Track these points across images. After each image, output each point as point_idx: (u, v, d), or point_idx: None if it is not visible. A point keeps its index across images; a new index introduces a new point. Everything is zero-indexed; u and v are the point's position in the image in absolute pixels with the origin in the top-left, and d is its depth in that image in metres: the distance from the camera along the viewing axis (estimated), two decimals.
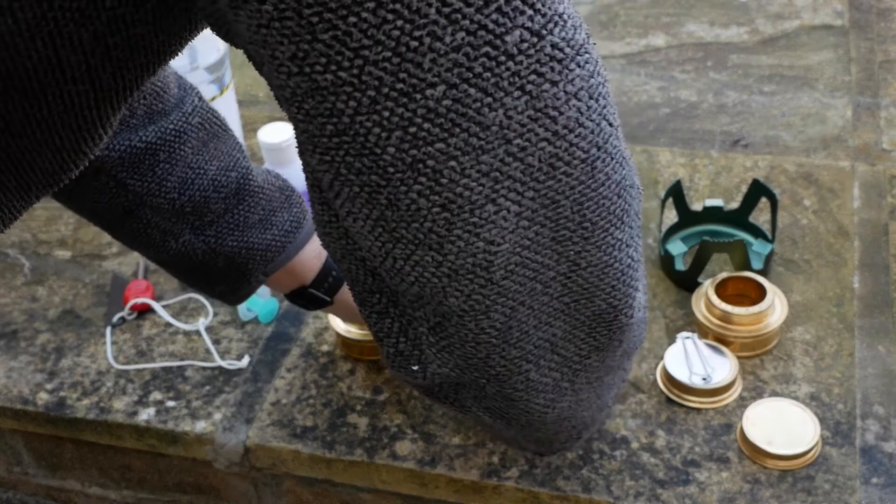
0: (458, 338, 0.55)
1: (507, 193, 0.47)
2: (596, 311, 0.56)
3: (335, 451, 0.92)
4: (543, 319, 0.54)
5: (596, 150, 0.49)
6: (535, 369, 0.57)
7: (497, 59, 0.43)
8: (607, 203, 0.51)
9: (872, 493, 0.85)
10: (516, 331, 0.54)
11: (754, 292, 0.98)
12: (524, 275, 0.51)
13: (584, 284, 0.54)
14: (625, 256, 0.54)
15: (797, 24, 1.44)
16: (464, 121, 0.44)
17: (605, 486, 0.87)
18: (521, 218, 0.48)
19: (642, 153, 1.22)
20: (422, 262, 0.50)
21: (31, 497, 1.11)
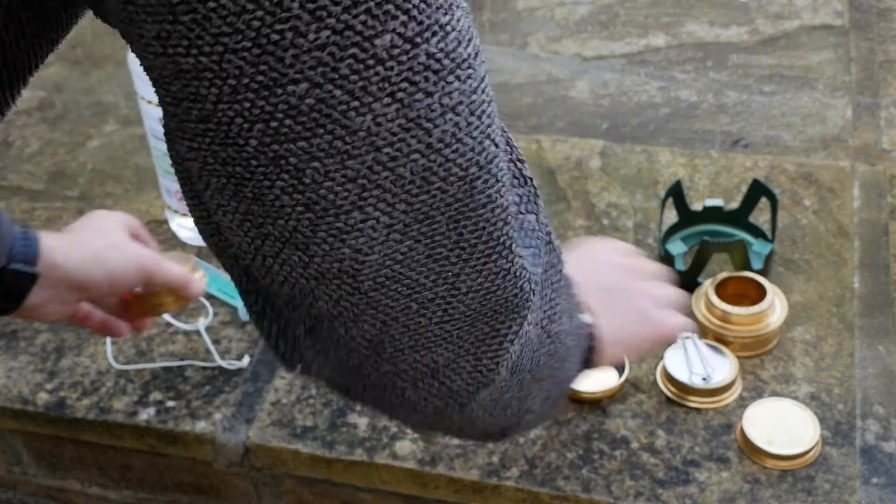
0: (331, 342, 0.53)
1: (375, 203, 0.45)
2: (480, 338, 0.53)
3: (335, 451, 0.92)
4: (421, 342, 0.52)
5: (476, 168, 0.47)
6: (411, 389, 0.55)
7: (365, 62, 0.42)
8: (488, 227, 0.49)
9: (872, 493, 0.85)
10: (389, 346, 0.52)
11: (754, 292, 0.98)
12: (397, 290, 0.49)
13: (466, 311, 0.51)
14: (510, 286, 0.52)
15: (797, 24, 1.44)
16: (328, 122, 0.43)
17: (605, 486, 0.87)
18: (391, 230, 0.46)
19: (642, 153, 1.22)
20: (289, 261, 0.48)
21: (31, 497, 1.11)
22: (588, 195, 1.17)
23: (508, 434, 0.67)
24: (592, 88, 1.35)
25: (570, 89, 1.36)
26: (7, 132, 1.35)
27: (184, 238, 1.15)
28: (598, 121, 1.30)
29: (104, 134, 1.34)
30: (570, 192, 1.18)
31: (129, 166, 1.27)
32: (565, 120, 1.30)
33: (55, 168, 1.28)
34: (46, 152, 1.31)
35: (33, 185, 1.26)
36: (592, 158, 1.22)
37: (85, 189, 1.24)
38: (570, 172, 1.20)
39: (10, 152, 1.32)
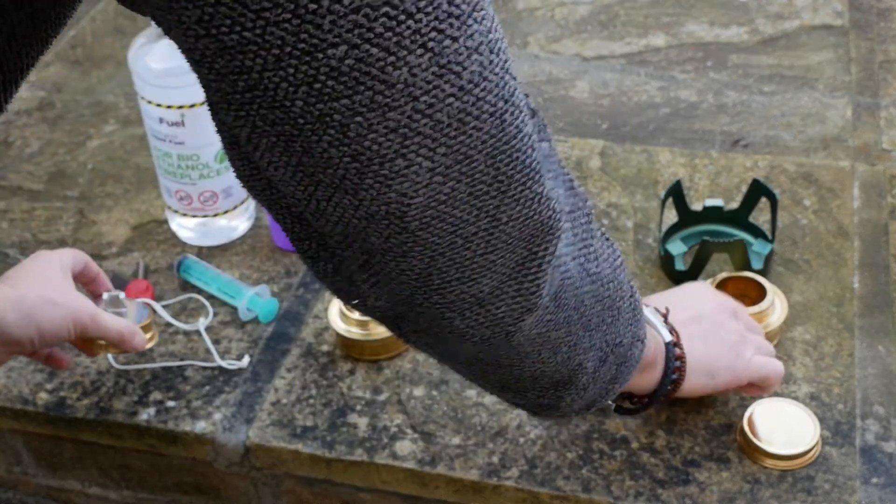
0: (383, 275, 0.56)
1: (417, 149, 0.48)
2: (519, 263, 0.56)
3: (335, 451, 0.92)
4: (467, 274, 0.55)
5: (503, 103, 0.50)
6: (459, 319, 0.58)
7: (397, 18, 0.45)
8: (521, 156, 0.52)
9: (872, 493, 0.85)
10: (437, 278, 0.55)
11: (754, 292, 0.98)
12: (442, 228, 0.52)
13: (507, 240, 0.54)
14: (545, 209, 0.55)
15: (797, 24, 1.44)
16: (368, 79, 0.46)
17: (605, 486, 0.87)
18: (434, 173, 0.49)
19: (642, 153, 1.22)
20: (341, 203, 0.51)
21: (31, 497, 1.11)
22: (588, 195, 1.17)
23: (563, 394, 0.69)
24: (592, 88, 1.35)
25: (570, 89, 1.36)
26: (7, 132, 1.35)
27: (184, 238, 1.15)
28: (598, 121, 1.30)
29: (104, 134, 1.34)
30: None
31: (129, 166, 1.27)
32: (565, 120, 1.30)
33: (55, 168, 1.28)
34: (46, 152, 1.31)
35: (33, 185, 1.26)
36: (592, 158, 1.22)
37: (85, 189, 1.24)
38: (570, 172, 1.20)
39: (10, 152, 1.32)
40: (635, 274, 1.07)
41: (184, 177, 1.08)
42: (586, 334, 0.66)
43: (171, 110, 1.03)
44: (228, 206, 1.12)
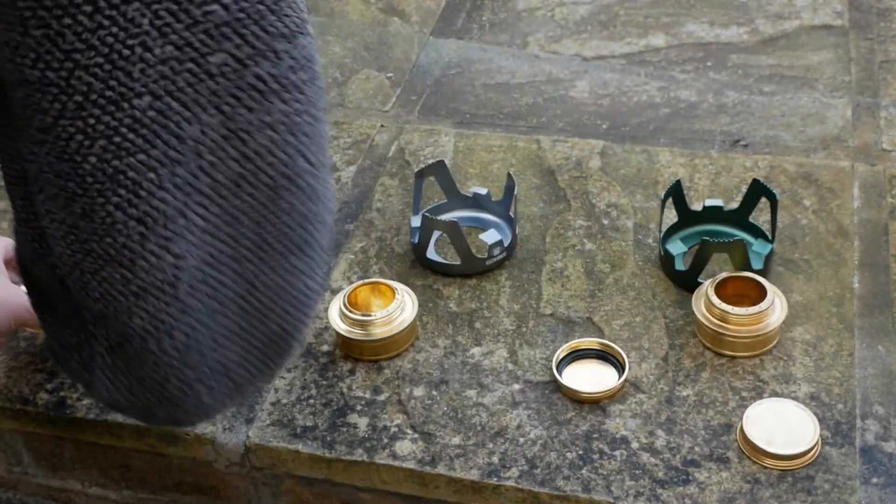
0: (137, 360, 0.53)
1: (195, 207, 0.48)
2: (270, 335, 0.56)
3: (335, 451, 0.92)
4: (220, 341, 0.54)
5: (285, 180, 0.51)
6: (206, 393, 0.57)
7: (199, 76, 0.46)
8: (288, 231, 0.52)
9: (872, 493, 0.85)
10: (195, 352, 0.54)
11: (754, 292, 0.98)
12: (205, 292, 0.51)
13: (259, 307, 0.54)
14: (301, 285, 0.55)
15: (797, 24, 1.44)
16: (164, 133, 0.45)
17: (605, 486, 0.87)
18: (205, 233, 0.49)
19: (642, 153, 1.22)
20: (110, 278, 0.49)
21: (32, 497, 1.11)
22: (588, 195, 1.17)
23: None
24: (592, 88, 1.35)
25: (570, 89, 1.36)
26: None
27: None
28: (598, 121, 1.30)
29: None
30: (570, 192, 1.18)
31: None
32: (565, 120, 1.30)
33: None
34: None
35: None
36: (592, 158, 1.22)
37: None
38: (570, 172, 1.20)
39: None
40: (635, 274, 1.07)
41: None
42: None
43: None
44: None
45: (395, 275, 1.09)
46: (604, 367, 0.97)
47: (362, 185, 1.21)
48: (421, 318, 1.04)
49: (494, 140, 1.26)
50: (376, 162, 1.25)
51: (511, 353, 1.00)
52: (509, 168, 1.21)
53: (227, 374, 0.57)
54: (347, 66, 1.43)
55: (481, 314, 1.04)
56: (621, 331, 1.01)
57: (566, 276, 1.07)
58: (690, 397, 0.94)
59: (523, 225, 1.13)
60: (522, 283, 1.07)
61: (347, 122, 1.31)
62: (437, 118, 1.32)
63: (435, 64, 1.42)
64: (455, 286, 1.07)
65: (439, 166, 1.12)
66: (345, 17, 1.53)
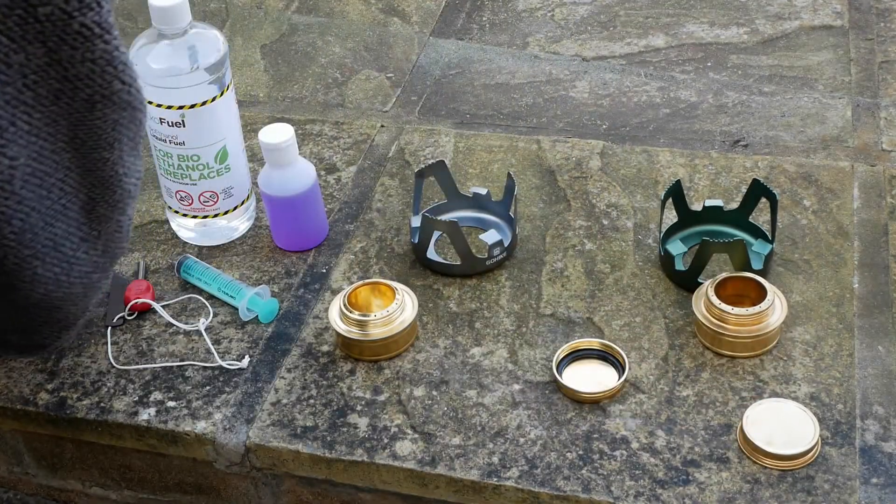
0: None
1: (21, 116, 0.61)
2: (90, 213, 0.70)
3: (335, 451, 0.92)
4: (48, 220, 0.68)
5: (100, 97, 0.65)
6: (41, 265, 0.70)
7: (27, 20, 0.60)
8: (98, 132, 0.67)
9: (872, 493, 0.85)
10: (29, 233, 0.66)
11: (754, 292, 0.98)
12: (35, 183, 0.65)
13: (75, 190, 0.68)
14: (109, 169, 0.71)
15: (797, 24, 1.44)
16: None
17: (605, 486, 0.87)
18: (31, 135, 0.63)
19: (642, 153, 1.23)
20: None
21: (32, 497, 1.11)
22: (588, 195, 1.17)
23: (77, 323, 0.88)
24: (592, 89, 1.35)
25: (570, 89, 1.36)
26: None
27: (184, 238, 1.15)
28: (598, 121, 1.30)
29: None
30: (570, 192, 1.18)
31: None
32: (565, 120, 1.30)
33: None
34: None
35: None
36: (592, 158, 1.22)
37: None
38: (570, 172, 1.20)
39: None
40: (635, 274, 1.07)
41: (184, 177, 1.08)
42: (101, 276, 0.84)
43: (172, 110, 1.03)
44: (228, 207, 1.12)
45: (395, 275, 1.09)
46: (604, 367, 0.97)
47: (362, 185, 1.21)
48: (421, 318, 1.04)
49: (494, 140, 1.26)
50: (376, 162, 1.25)
51: (511, 353, 1.00)
52: (509, 168, 1.21)
53: (56, 247, 0.70)
54: (347, 67, 1.43)
55: (481, 314, 1.04)
56: (621, 331, 1.01)
57: (566, 276, 1.07)
58: (690, 397, 0.94)
59: (523, 225, 1.13)
60: (522, 283, 1.07)
61: (347, 122, 1.31)
62: (437, 118, 1.32)
63: (435, 64, 1.42)
64: (455, 286, 1.07)
65: (439, 166, 1.12)
66: (345, 18, 1.53)
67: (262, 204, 1.16)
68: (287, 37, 1.49)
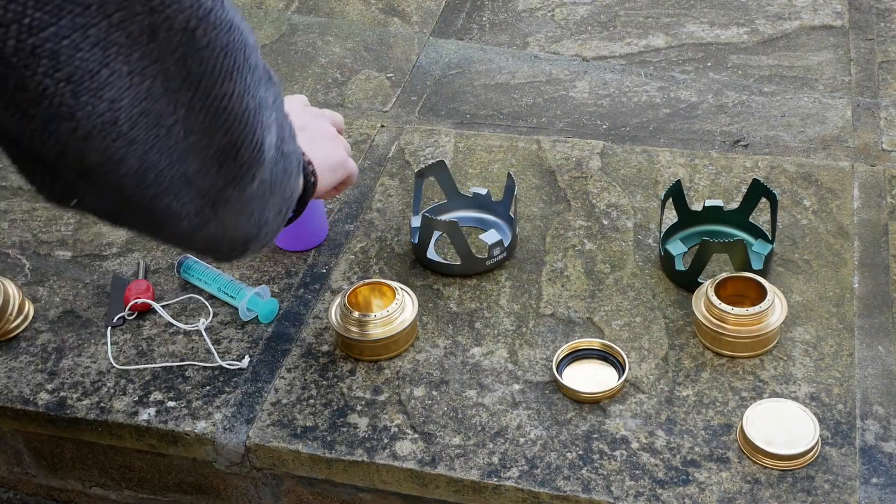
0: (103, 184, 0.64)
1: (116, 57, 0.57)
2: (220, 147, 0.66)
3: (335, 451, 0.92)
4: (174, 158, 0.64)
5: (195, 21, 0.60)
6: (175, 201, 0.67)
7: None
8: (212, 62, 0.62)
9: (872, 493, 0.85)
10: (151, 172, 0.63)
11: (754, 292, 0.98)
12: (148, 122, 0.61)
13: (203, 125, 0.64)
14: (236, 104, 0.65)
15: (797, 24, 1.44)
16: (69, 4, 0.54)
17: (605, 486, 0.87)
18: (133, 75, 0.59)
19: (642, 153, 1.23)
20: (58, 132, 0.58)
21: (32, 497, 1.11)
22: (588, 195, 1.17)
23: (250, 247, 0.79)
24: (592, 89, 1.35)
25: (570, 89, 1.36)
26: None
27: None
28: (598, 121, 1.30)
29: None
30: (570, 192, 1.18)
31: None
32: (565, 120, 1.30)
33: None
34: None
35: None
36: (592, 158, 1.22)
37: None
38: (570, 172, 1.20)
39: None
40: (635, 274, 1.07)
41: None
42: (271, 198, 0.76)
43: None
44: None
45: (395, 275, 1.09)
46: (604, 367, 0.97)
47: (362, 185, 1.21)
48: (421, 318, 1.04)
49: (494, 140, 1.26)
50: (376, 162, 1.25)
51: (511, 353, 1.00)
52: (509, 168, 1.21)
53: (190, 183, 0.66)
54: (347, 67, 1.43)
55: (481, 314, 1.04)
56: (621, 331, 1.01)
57: (566, 276, 1.07)
58: (690, 397, 0.94)
59: (523, 225, 1.13)
60: (522, 283, 1.07)
61: (347, 122, 1.31)
62: (437, 118, 1.32)
63: (435, 64, 1.42)
64: (455, 286, 1.07)
65: (439, 166, 1.12)
66: (345, 18, 1.53)
67: None
68: (287, 37, 1.49)
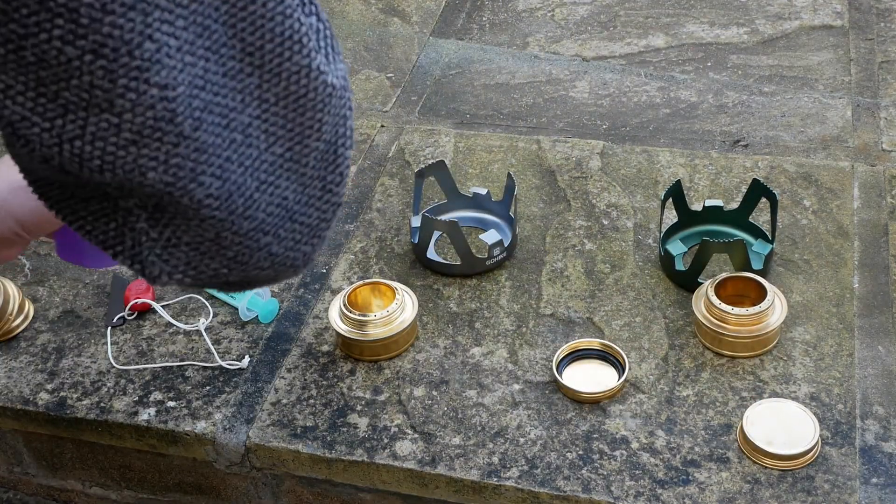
0: (180, 220, 0.48)
1: (160, 26, 0.43)
2: (315, 152, 0.50)
3: (335, 451, 0.92)
4: (264, 178, 0.48)
5: None
6: (276, 242, 0.50)
7: None
8: (271, 25, 0.46)
9: (872, 493, 0.85)
10: (238, 196, 0.47)
11: (754, 292, 0.98)
12: (216, 122, 0.45)
13: (288, 126, 0.48)
14: (318, 82, 0.49)
15: (797, 24, 1.44)
16: None
17: (605, 486, 0.87)
18: (183, 53, 0.44)
19: (642, 153, 1.23)
20: (99, 131, 0.44)
21: (32, 497, 1.11)
22: (588, 195, 1.17)
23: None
24: (592, 89, 1.35)
25: (570, 89, 1.36)
26: None
27: None
28: (598, 121, 1.30)
29: None
30: (570, 192, 1.18)
31: None
32: (565, 120, 1.30)
33: None
34: None
35: None
36: (592, 159, 1.22)
37: None
38: (570, 172, 1.20)
39: None
40: (635, 274, 1.07)
41: None
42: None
43: None
44: None
45: (395, 275, 1.09)
46: (604, 367, 0.97)
47: (362, 185, 1.21)
48: (421, 318, 1.04)
49: (494, 140, 1.27)
50: (376, 162, 1.25)
51: (511, 353, 1.00)
52: (509, 168, 1.21)
53: (291, 216, 0.50)
54: (347, 66, 1.43)
55: (481, 314, 1.04)
56: (621, 331, 1.01)
57: (566, 276, 1.07)
58: (690, 397, 0.94)
59: (523, 225, 1.13)
60: (522, 283, 1.07)
61: None
62: (437, 118, 1.32)
63: (435, 64, 1.42)
64: (455, 286, 1.07)
65: (439, 166, 1.12)
66: (345, 18, 1.53)
67: None
68: None
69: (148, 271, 0.50)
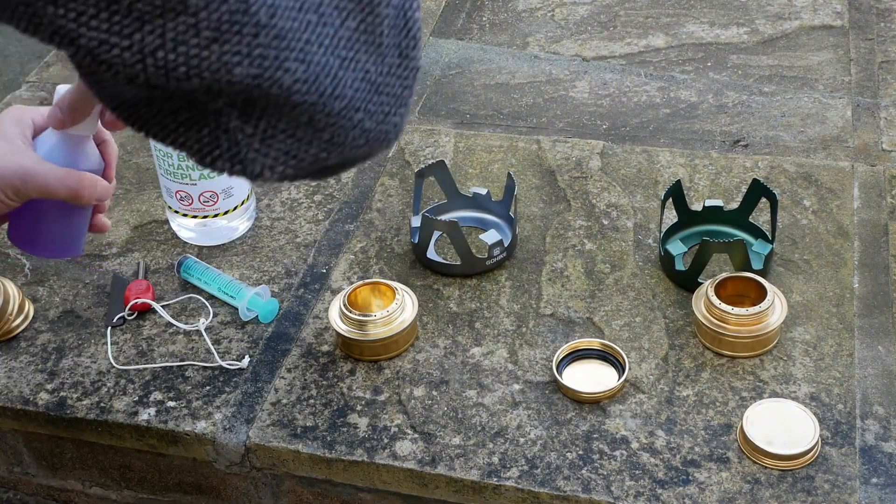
0: (272, 110, 0.48)
1: None
2: (389, 23, 0.50)
3: (335, 451, 0.92)
4: (344, 55, 0.48)
5: None
6: (367, 117, 0.50)
7: None
8: None
9: (872, 493, 0.85)
10: (325, 77, 0.47)
11: (754, 292, 0.98)
12: (289, 6, 0.45)
13: (361, 2, 0.48)
14: None
15: (797, 24, 1.44)
16: None
17: (605, 486, 0.87)
18: None
19: (642, 153, 1.23)
20: (178, 35, 0.43)
21: (32, 497, 1.11)
22: (588, 195, 1.17)
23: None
24: (592, 89, 1.35)
25: (570, 89, 1.36)
26: None
27: (184, 238, 1.15)
28: (598, 121, 1.30)
29: None
30: (570, 192, 1.18)
31: (129, 166, 1.27)
32: (565, 120, 1.30)
33: None
34: None
35: None
36: (592, 159, 1.22)
37: None
38: (570, 172, 1.20)
39: None
40: (635, 274, 1.07)
41: (184, 177, 1.08)
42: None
43: None
44: (228, 207, 1.12)
45: (395, 275, 1.09)
46: (604, 367, 0.97)
47: (362, 185, 1.21)
48: (421, 318, 1.04)
49: (494, 140, 1.26)
50: (376, 162, 1.25)
51: (511, 353, 1.00)
52: (509, 168, 1.21)
53: (376, 88, 0.50)
54: None
55: (481, 314, 1.04)
56: (621, 331, 1.01)
57: (566, 276, 1.07)
58: (690, 397, 0.94)
59: (523, 225, 1.13)
60: (522, 283, 1.07)
61: None
62: (437, 118, 1.32)
63: (435, 64, 1.42)
64: (455, 286, 1.07)
65: (439, 166, 1.12)
66: None
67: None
68: None
69: (250, 169, 0.50)
